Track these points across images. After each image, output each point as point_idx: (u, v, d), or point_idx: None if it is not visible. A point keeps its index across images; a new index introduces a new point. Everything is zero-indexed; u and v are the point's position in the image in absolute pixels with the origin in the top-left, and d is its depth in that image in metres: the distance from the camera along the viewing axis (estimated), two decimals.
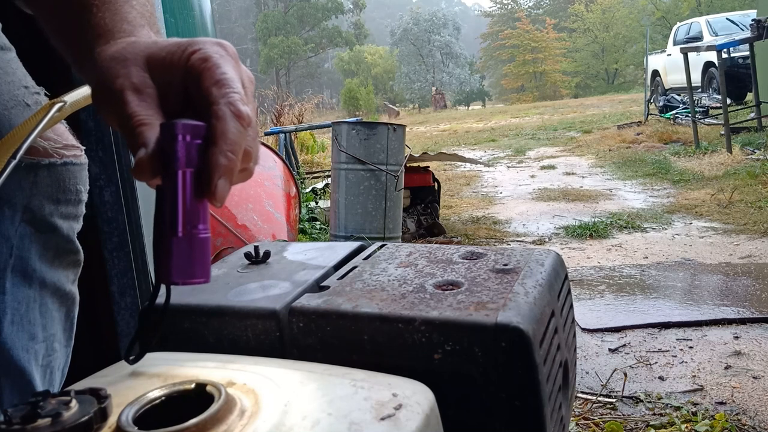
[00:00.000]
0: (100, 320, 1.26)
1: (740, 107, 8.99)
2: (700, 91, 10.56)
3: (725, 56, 7.23)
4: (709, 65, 10.47)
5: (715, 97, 9.40)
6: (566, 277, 0.80)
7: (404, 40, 45.97)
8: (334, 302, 0.66)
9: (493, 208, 5.10)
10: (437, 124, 16.92)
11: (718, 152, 6.37)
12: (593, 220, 4.25)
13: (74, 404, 0.43)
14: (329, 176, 4.47)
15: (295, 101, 11.54)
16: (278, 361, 0.58)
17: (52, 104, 0.61)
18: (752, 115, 7.44)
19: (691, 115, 7.37)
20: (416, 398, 0.49)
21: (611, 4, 38.41)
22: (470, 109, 33.83)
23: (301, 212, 3.82)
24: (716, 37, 10.30)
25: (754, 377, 1.90)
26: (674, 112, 9.52)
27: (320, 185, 5.54)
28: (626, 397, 1.81)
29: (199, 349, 0.68)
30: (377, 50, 50.99)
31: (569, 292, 0.81)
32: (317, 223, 4.31)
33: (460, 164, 7.61)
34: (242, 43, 52.71)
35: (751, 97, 8.95)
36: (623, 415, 1.71)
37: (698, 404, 1.75)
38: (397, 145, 3.38)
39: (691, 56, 7.64)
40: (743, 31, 8.86)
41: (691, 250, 3.43)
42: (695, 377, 1.92)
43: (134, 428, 0.43)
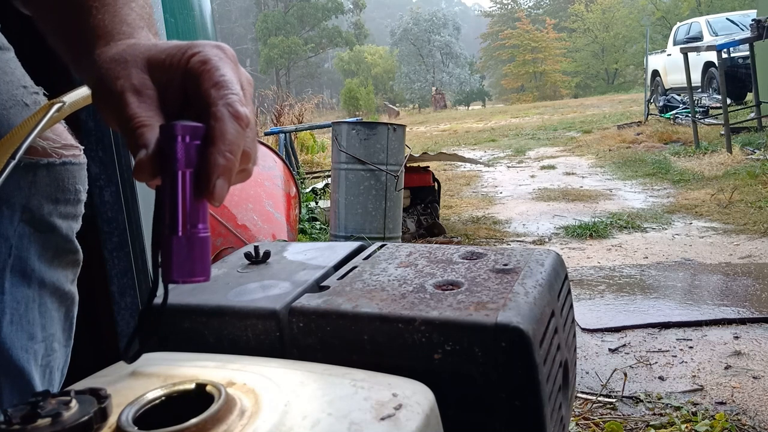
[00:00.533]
0: (100, 320, 1.26)
1: (740, 107, 8.99)
2: (700, 91, 10.56)
3: (725, 56, 7.24)
4: (709, 65, 10.47)
5: (715, 97, 9.40)
6: (566, 277, 0.80)
7: (404, 40, 45.96)
8: (334, 302, 0.66)
9: (493, 208, 5.10)
10: (437, 124, 16.92)
11: (718, 152, 6.37)
12: (593, 220, 4.25)
13: (74, 404, 0.43)
14: (329, 176, 4.47)
15: (295, 101, 11.55)
16: (278, 361, 0.58)
17: (50, 105, 0.61)
18: (752, 115, 7.44)
19: (691, 115, 7.37)
20: (416, 398, 0.49)
21: (611, 4, 38.40)
22: (470, 109, 33.82)
23: (301, 212, 3.82)
24: (716, 37, 10.30)
25: (754, 377, 1.90)
26: (674, 112, 9.53)
27: (320, 185, 5.54)
28: (626, 397, 1.81)
29: (199, 349, 0.68)
30: (377, 50, 50.97)
31: (569, 292, 0.81)
32: (317, 223, 4.31)
33: (460, 164, 7.61)
34: (242, 43, 52.72)
35: (751, 97, 8.95)
36: (623, 415, 1.71)
37: (698, 404, 1.75)
38: (397, 145, 3.38)
39: (691, 56, 7.65)
40: (743, 31, 8.86)
41: (691, 250, 3.43)
42: (695, 377, 1.92)
43: (134, 428, 0.43)
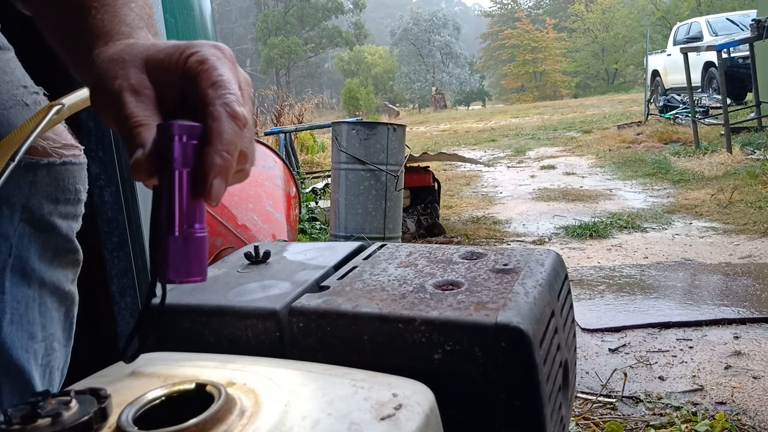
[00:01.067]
0: (100, 320, 1.26)
1: (740, 107, 8.98)
2: (700, 91, 10.56)
3: (725, 56, 7.24)
4: (709, 65, 10.47)
5: (715, 97, 9.40)
6: (566, 277, 0.80)
7: (404, 40, 45.95)
8: (334, 302, 0.66)
9: (493, 208, 5.10)
10: (437, 124, 16.92)
11: (718, 152, 6.37)
12: (593, 220, 4.25)
13: (74, 404, 0.43)
14: (329, 176, 4.47)
15: (295, 101, 11.55)
16: (278, 361, 0.58)
17: (50, 106, 0.61)
18: (752, 115, 7.44)
19: (691, 115, 7.37)
20: (416, 398, 0.49)
21: (611, 4, 38.40)
22: (470, 109, 33.83)
23: (301, 212, 3.82)
24: (716, 37, 10.30)
25: (754, 377, 1.89)
26: (674, 112, 9.52)
27: (320, 185, 5.54)
28: (626, 397, 1.81)
29: (199, 349, 0.68)
30: (377, 50, 50.96)
31: (569, 292, 0.81)
32: (317, 223, 4.31)
33: (460, 164, 7.61)
34: (242, 43, 52.71)
35: (751, 97, 8.95)
36: (623, 415, 1.71)
37: (698, 404, 1.75)
38: (397, 145, 3.38)
39: (691, 56, 7.64)
40: (743, 31, 8.86)
41: (691, 250, 3.43)
42: (695, 377, 1.92)
43: (134, 428, 0.43)
